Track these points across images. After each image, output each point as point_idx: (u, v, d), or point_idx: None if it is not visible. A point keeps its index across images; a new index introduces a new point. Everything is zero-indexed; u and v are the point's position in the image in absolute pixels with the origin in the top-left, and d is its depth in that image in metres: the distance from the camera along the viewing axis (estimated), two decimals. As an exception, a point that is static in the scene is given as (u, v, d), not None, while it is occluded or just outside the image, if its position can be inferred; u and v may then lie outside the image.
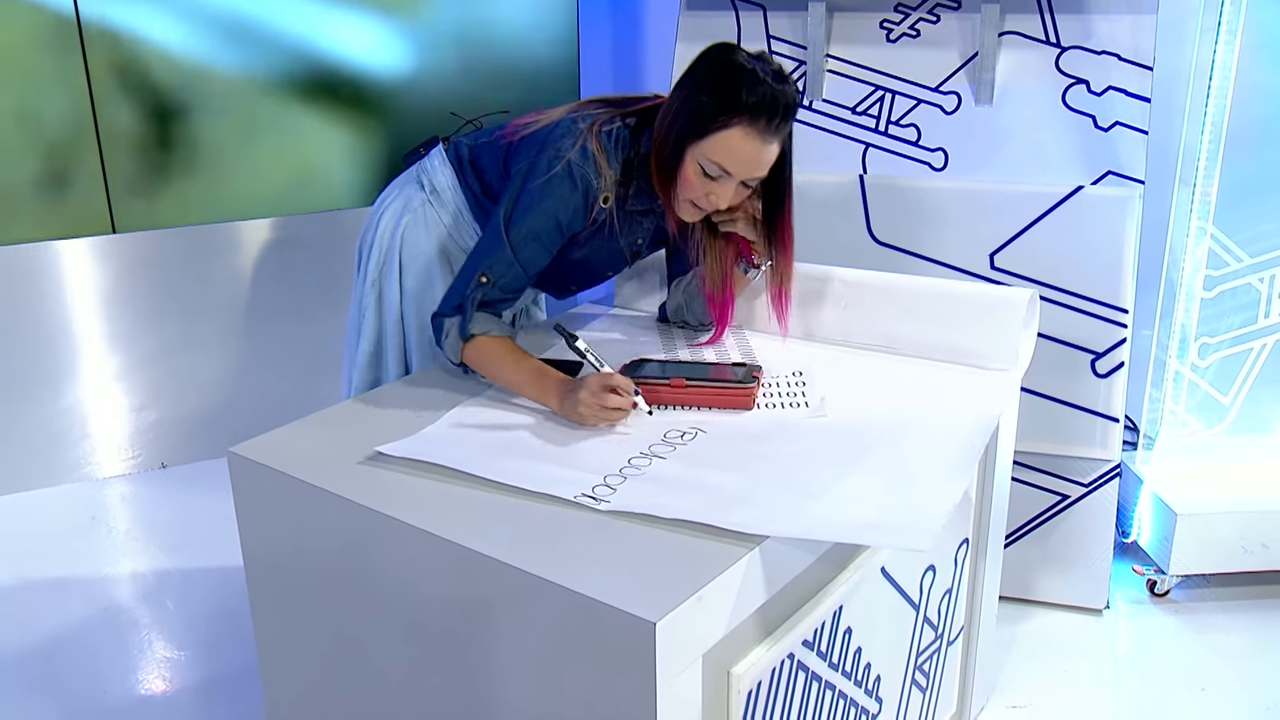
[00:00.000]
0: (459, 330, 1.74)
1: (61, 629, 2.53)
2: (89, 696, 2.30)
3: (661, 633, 1.24)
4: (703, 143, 1.72)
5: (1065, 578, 2.56)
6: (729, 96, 1.69)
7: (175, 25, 3.07)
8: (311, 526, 1.59)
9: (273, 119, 3.22)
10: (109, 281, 3.16)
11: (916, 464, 1.59)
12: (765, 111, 1.69)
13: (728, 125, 1.70)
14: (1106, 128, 2.54)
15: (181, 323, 3.28)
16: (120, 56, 3.03)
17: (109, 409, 3.26)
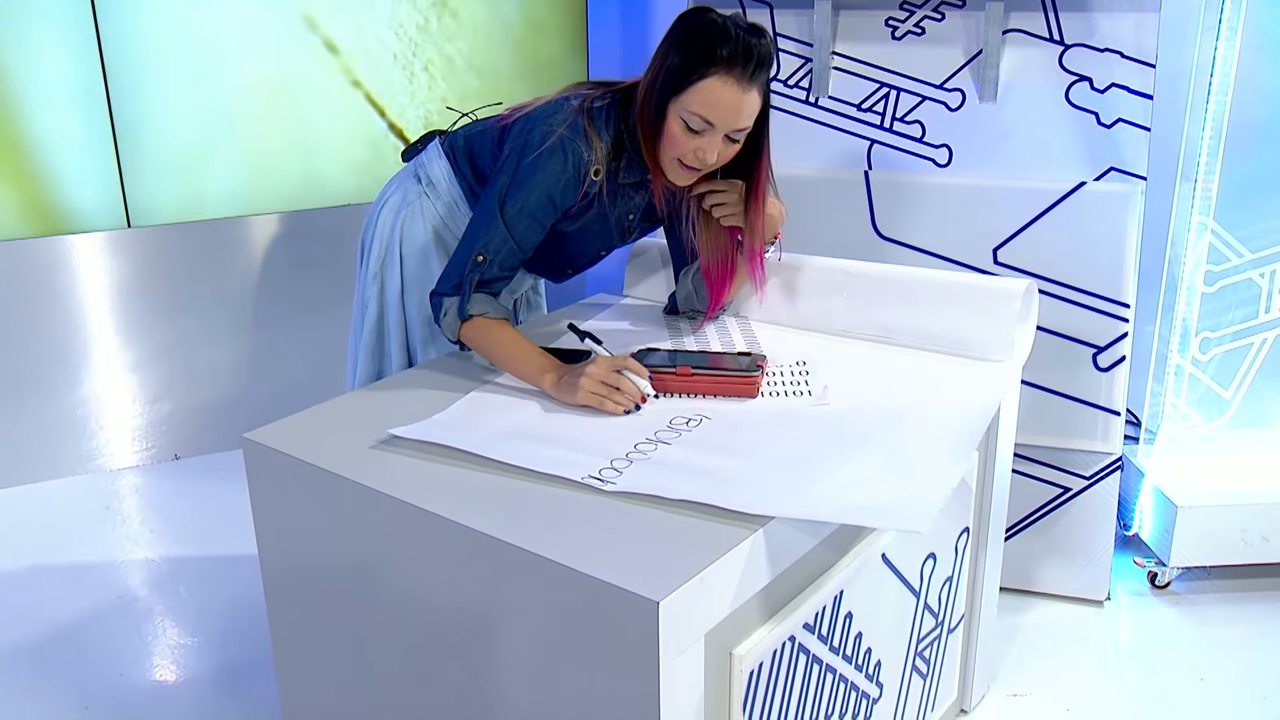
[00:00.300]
0: (458, 310, 1.78)
1: (77, 616, 2.57)
2: (105, 681, 2.34)
3: (665, 612, 1.27)
4: (683, 96, 1.75)
5: (1067, 569, 2.58)
6: (704, 49, 1.73)
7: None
8: (324, 510, 1.63)
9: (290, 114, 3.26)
10: (124, 275, 3.20)
11: (915, 450, 1.62)
12: (740, 59, 1.73)
13: (705, 75, 1.73)
14: (1109, 124, 2.57)
15: (195, 316, 3.32)
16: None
17: (123, 401, 3.31)
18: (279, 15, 3.13)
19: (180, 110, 3.13)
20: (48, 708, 2.27)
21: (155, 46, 3.06)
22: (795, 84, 2.82)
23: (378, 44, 3.25)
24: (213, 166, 3.21)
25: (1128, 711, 2.22)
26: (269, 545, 1.76)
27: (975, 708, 2.22)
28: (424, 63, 3.32)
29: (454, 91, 3.36)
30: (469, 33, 3.34)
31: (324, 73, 3.23)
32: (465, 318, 1.78)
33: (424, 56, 3.31)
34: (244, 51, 3.14)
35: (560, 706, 1.43)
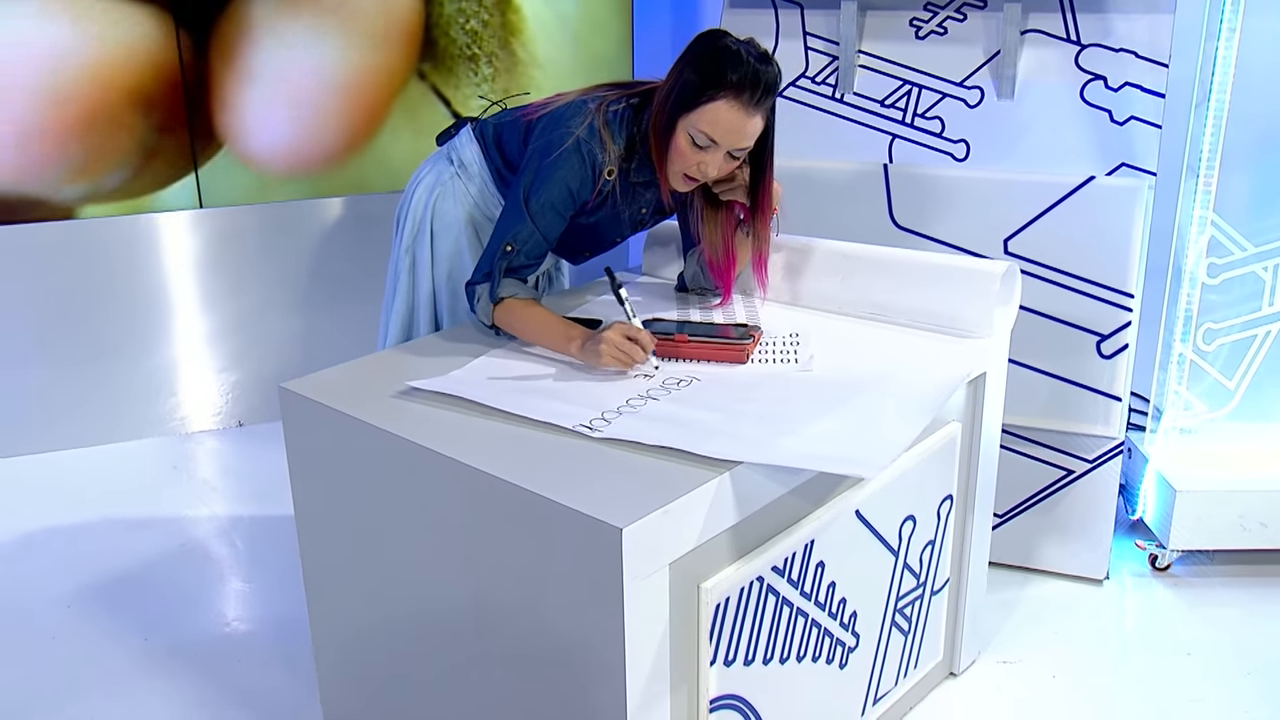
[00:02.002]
0: (489, 294, 1.96)
1: (141, 561, 2.81)
2: (163, 618, 2.57)
3: (628, 538, 1.43)
4: (692, 114, 1.92)
5: (1068, 548, 2.68)
6: (716, 73, 1.89)
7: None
8: (347, 451, 1.82)
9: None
10: (196, 253, 3.45)
11: (881, 410, 1.76)
12: (748, 87, 1.89)
13: (714, 98, 1.90)
14: (1122, 122, 2.66)
15: (260, 292, 3.56)
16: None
17: (195, 370, 3.56)
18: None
19: (250, 100, 3.36)
20: (112, 637, 2.50)
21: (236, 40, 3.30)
22: (822, 81, 2.95)
23: (444, 37, 3.45)
24: (280, 152, 3.43)
25: (1111, 680, 2.32)
26: (300, 482, 1.96)
27: (964, 671, 2.34)
28: (488, 56, 3.51)
29: (517, 84, 3.55)
30: (530, 28, 3.53)
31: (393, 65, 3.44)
32: (496, 300, 1.96)
33: (488, 50, 3.51)
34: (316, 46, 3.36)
35: (544, 625, 1.60)
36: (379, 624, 1.91)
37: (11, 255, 3.29)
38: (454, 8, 3.43)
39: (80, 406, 3.44)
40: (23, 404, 3.39)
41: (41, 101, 3.14)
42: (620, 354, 1.82)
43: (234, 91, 3.34)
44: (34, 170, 3.21)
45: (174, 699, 2.29)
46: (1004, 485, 2.71)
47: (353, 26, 3.35)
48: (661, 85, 1.99)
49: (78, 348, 3.42)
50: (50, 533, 2.97)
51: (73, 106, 3.16)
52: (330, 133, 3.44)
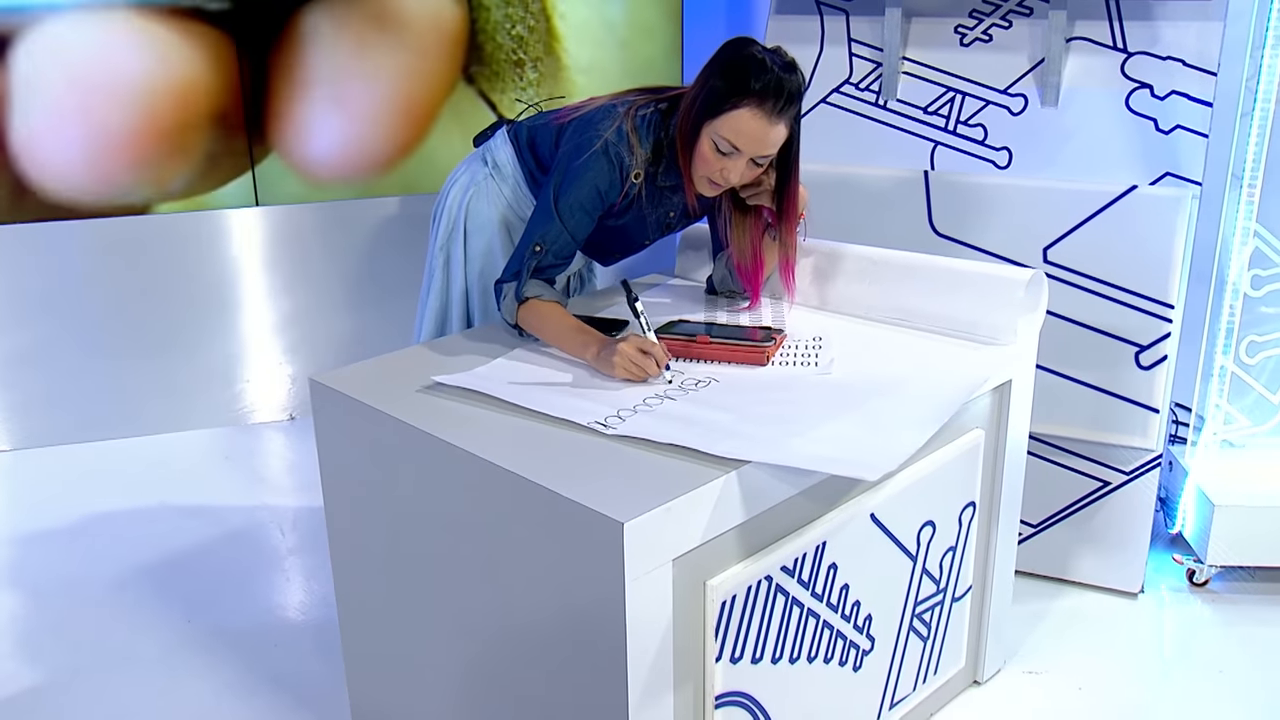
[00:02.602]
0: (515, 293, 2.00)
1: (189, 546, 2.90)
2: (206, 600, 2.66)
3: (630, 533, 1.46)
4: (716, 121, 1.94)
5: (1103, 560, 2.66)
6: (740, 81, 1.91)
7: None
8: (369, 440, 1.87)
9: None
10: (252, 250, 3.55)
11: (894, 414, 1.77)
12: (771, 95, 1.91)
13: (738, 106, 1.92)
14: (1168, 130, 2.64)
15: (314, 288, 3.65)
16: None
17: (248, 365, 3.66)
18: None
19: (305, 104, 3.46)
20: (157, 617, 2.59)
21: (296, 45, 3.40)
22: (866, 87, 2.96)
23: (490, 42, 3.51)
24: (333, 158, 3.52)
25: (1138, 694, 2.30)
26: (329, 472, 2.02)
27: (988, 680, 2.33)
28: (533, 61, 3.57)
29: (562, 89, 3.60)
30: (576, 33, 3.58)
31: (440, 71, 3.51)
32: (521, 300, 2.00)
33: (533, 55, 3.56)
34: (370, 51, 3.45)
35: (551, 617, 1.63)
36: (401, 615, 1.96)
37: (79, 249, 3.42)
38: (500, 14, 3.49)
39: (141, 397, 3.56)
40: (90, 393, 3.52)
41: (120, 112, 3.30)
42: (633, 367, 1.85)
43: (290, 102, 3.45)
44: (109, 175, 3.35)
45: (210, 679, 2.37)
46: (1039, 495, 2.69)
47: (401, 37, 3.43)
48: (688, 91, 2.02)
49: (138, 341, 3.55)
50: (108, 516, 3.07)
51: (146, 117, 3.31)
52: (381, 139, 3.53)
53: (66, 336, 3.49)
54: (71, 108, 3.27)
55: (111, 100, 3.29)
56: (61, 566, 2.82)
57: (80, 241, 3.42)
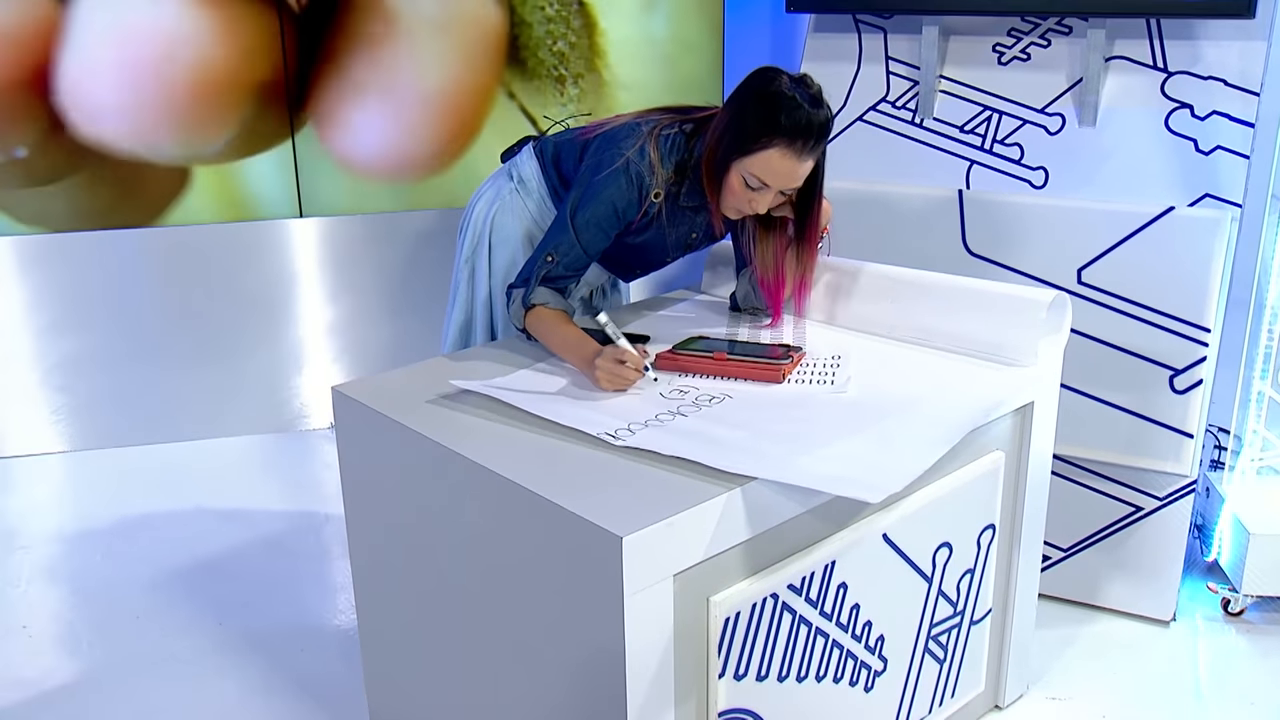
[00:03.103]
0: (522, 299, 2.02)
1: (225, 551, 2.96)
2: (238, 604, 2.71)
3: (628, 547, 1.47)
4: (746, 159, 1.96)
5: (1135, 587, 2.61)
6: (770, 120, 1.92)
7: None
8: (385, 449, 1.91)
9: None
10: (295, 259, 3.62)
11: (905, 434, 1.76)
12: (801, 134, 1.92)
13: (768, 145, 1.93)
14: (1208, 151, 2.60)
15: (357, 298, 3.71)
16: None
17: (289, 373, 3.71)
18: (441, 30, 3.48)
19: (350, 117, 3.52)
20: (189, 620, 2.64)
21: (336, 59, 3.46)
22: (903, 105, 2.95)
23: (532, 58, 3.55)
24: (371, 145, 3.57)
25: (1166, 725, 2.26)
26: (348, 479, 2.05)
27: (1009, 705, 2.30)
28: (574, 77, 3.60)
29: (603, 105, 3.63)
30: (618, 50, 3.60)
31: (483, 83, 3.55)
32: (529, 306, 2.03)
33: (574, 72, 3.60)
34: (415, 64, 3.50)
35: (554, 628, 1.65)
36: (416, 622, 1.98)
37: (129, 257, 3.51)
38: (543, 30, 3.53)
39: (187, 402, 3.64)
40: (139, 398, 3.61)
41: (166, 68, 3.36)
42: (614, 377, 1.87)
43: (334, 84, 3.50)
44: (147, 127, 3.41)
45: (236, 680, 2.41)
46: (1070, 519, 2.66)
47: (446, 42, 3.47)
48: (715, 122, 2.03)
49: (187, 347, 3.62)
50: (149, 519, 3.14)
51: (191, 77, 3.38)
52: (420, 138, 3.56)
53: (118, 342, 3.58)
54: (120, 57, 3.32)
55: (159, 55, 3.35)
56: (101, 567, 2.89)
57: (128, 249, 3.50)
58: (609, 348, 1.89)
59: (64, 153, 3.38)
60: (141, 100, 3.38)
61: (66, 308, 3.55)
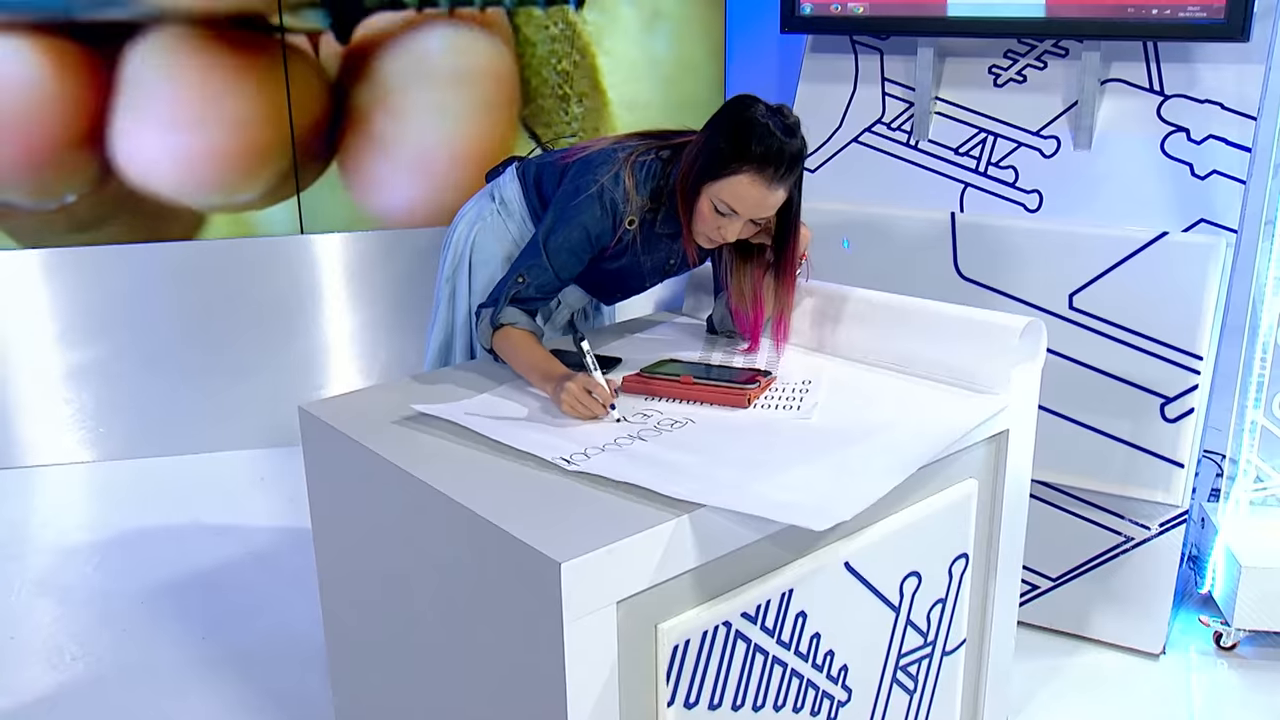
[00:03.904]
0: (490, 318, 2.02)
1: (215, 566, 2.98)
2: (225, 623, 2.72)
3: (567, 573, 1.46)
4: (716, 184, 1.95)
5: (1123, 619, 2.57)
6: (741, 146, 1.91)
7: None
8: (347, 469, 1.91)
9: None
10: (295, 276, 3.65)
11: (864, 462, 1.74)
12: (772, 162, 1.90)
13: (738, 172, 1.92)
14: (1203, 176, 2.56)
15: (361, 315, 3.73)
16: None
17: (288, 388, 3.73)
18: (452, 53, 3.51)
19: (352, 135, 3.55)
20: (174, 635, 2.66)
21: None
22: (898, 127, 2.93)
23: (535, 76, 3.57)
24: (379, 184, 3.60)
25: (1148, 761, 2.22)
26: (315, 497, 2.05)
27: (987, 737, 2.26)
28: (578, 96, 3.61)
29: (606, 125, 3.63)
30: (622, 69, 3.61)
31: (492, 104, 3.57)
32: (497, 326, 2.02)
33: (578, 91, 3.61)
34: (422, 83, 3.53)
35: (500, 652, 1.64)
36: (377, 642, 1.98)
37: (133, 272, 3.56)
38: (545, 50, 3.54)
39: (187, 416, 3.67)
40: (142, 411, 3.65)
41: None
42: (579, 405, 1.85)
43: (360, 151, 3.60)
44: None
45: (214, 697, 2.42)
46: (1059, 548, 2.62)
47: (463, 95, 3.53)
48: (690, 146, 2.02)
49: (191, 361, 3.66)
50: (143, 532, 3.17)
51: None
52: (447, 193, 3.64)
53: (122, 356, 3.62)
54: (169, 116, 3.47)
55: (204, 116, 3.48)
56: (92, 578, 2.92)
57: (139, 264, 3.55)
58: (582, 375, 1.87)
59: (109, 200, 3.51)
60: (190, 155, 3.51)
61: (71, 321, 3.59)
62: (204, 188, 3.52)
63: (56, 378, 3.62)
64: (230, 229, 3.56)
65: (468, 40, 3.49)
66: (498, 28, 3.51)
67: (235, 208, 3.55)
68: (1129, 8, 2.55)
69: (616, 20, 3.56)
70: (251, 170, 3.51)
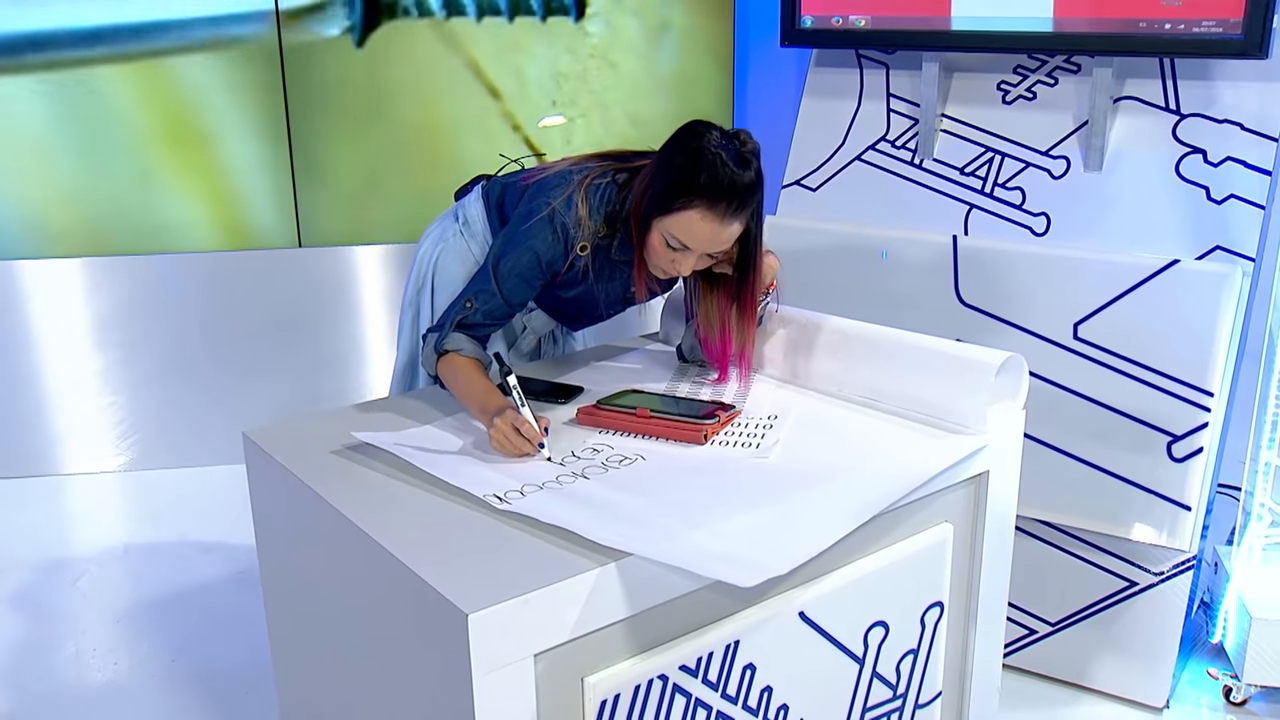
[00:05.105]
0: (434, 344, 1.93)
1: (196, 585, 2.93)
2: (196, 644, 2.67)
3: (475, 624, 1.37)
4: (666, 219, 1.84)
5: (1126, 668, 2.42)
6: (690, 178, 1.80)
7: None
8: (284, 498, 1.84)
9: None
10: (292, 289, 3.60)
11: (814, 508, 1.63)
12: (724, 196, 1.79)
13: (687, 206, 1.81)
14: (1220, 200, 2.42)
15: (362, 329, 3.68)
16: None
17: (302, 399, 3.69)
18: (445, 61, 3.43)
19: (351, 147, 3.49)
20: (145, 653, 2.62)
21: (331, 90, 3.44)
22: (902, 145, 2.81)
23: (538, 91, 3.49)
24: (378, 198, 3.55)
25: (1141, 826, 2.07)
26: (259, 523, 1.98)
27: (970, 794, 2.13)
28: (581, 110, 3.52)
29: (610, 138, 3.54)
30: (626, 83, 3.52)
31: (487, 117, 3.50)
32: (441, 352, 1.93)
33: (582, 104, 3.52)
34: (414, 96, 3.46)
35: (419, 701, 1.55)
36: (316, 675, 1.91)
37: (138, 284, 3.53)
38: (551, 64, 3.47)
39: (187, 429, 3.63)
40: (133, 424, 3.62)
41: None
42: (506, 443, 1.75)
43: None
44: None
45: (171, 723, 2.37)
46: (1058, 591, 2.48)
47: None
48: (642, 175, 1.92)
49: (193, 373, 3.63)
50: (129, 548, 3.14)
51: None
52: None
53: (123, 367, 3.60)
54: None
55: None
56: (70, 596, 2.88)
57: (140, 275, 3.52)
58: (510, 412, 1.77)
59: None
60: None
61: (72, 332, 3.57)
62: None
63: (52, 389, 3.60)
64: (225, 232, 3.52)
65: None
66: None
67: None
68: (1141, 22, 2.41)
69: (620, 32, 3.47)
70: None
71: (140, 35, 3.31)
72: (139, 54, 3.32)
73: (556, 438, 1.87)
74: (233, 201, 3.48)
